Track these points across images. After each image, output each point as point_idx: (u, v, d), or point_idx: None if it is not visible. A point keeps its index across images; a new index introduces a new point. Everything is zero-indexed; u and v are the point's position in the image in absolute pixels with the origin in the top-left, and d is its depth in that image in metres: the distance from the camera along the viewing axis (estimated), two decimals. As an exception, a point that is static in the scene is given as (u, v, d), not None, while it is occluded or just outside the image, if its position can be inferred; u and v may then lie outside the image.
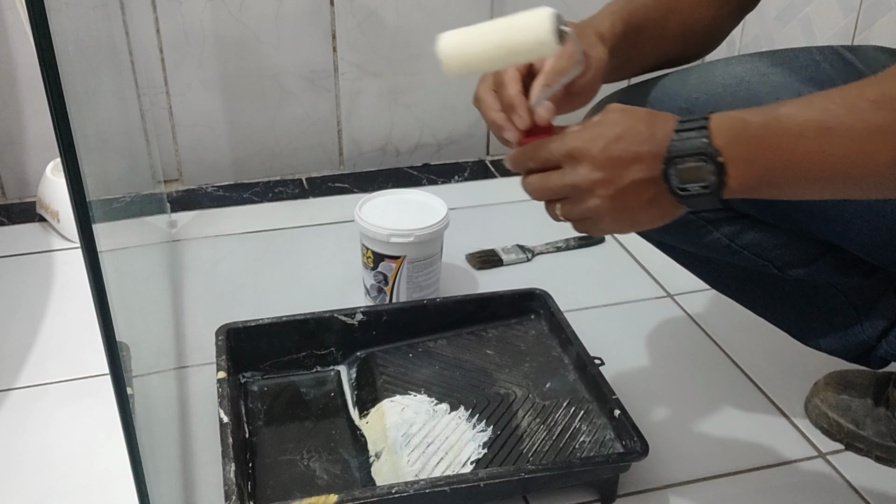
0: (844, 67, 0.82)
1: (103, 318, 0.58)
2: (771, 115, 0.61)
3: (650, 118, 0.66)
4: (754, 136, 0.61)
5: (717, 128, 0.62)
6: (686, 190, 0.63)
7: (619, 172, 0.64)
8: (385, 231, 1.09)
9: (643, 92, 0.89)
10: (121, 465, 0.65)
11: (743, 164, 0.61)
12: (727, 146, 0.61)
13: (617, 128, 0.65)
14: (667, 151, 0.63)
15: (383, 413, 0.95)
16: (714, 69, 0.87)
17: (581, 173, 0.65)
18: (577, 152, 0.65)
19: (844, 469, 0.94)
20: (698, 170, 0.62)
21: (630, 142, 0.64)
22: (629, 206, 0.66)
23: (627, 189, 0.64)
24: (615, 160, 0.64)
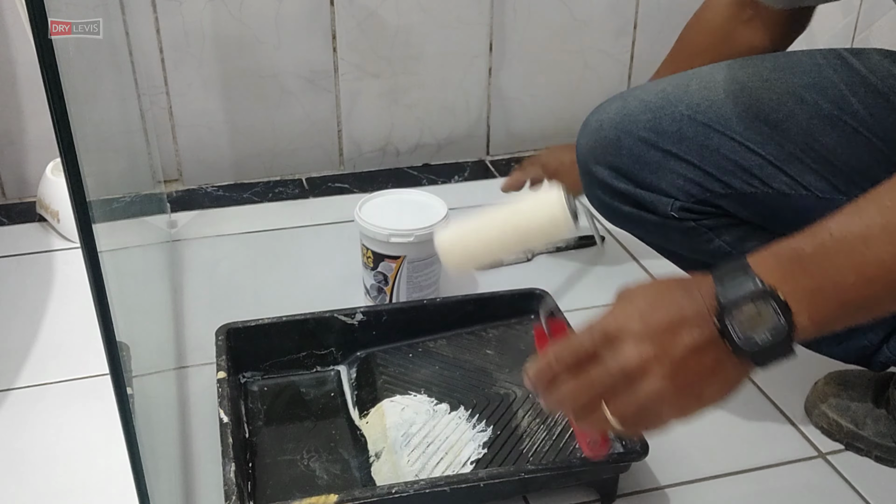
0: (848, 72, 0.82)
1: (103, 318, 0.58)
2: (823, 235, 0.55)
3: (679, 280, 0.58)
4: (813, 263, 0.54)
5: (762, 265, 0.55)
6: (751, 340, 0.54)
7: (669, 340, 0.55)
8: (385, 231, 1.09)
9: (642, 98, 0.88)
10: (121, 465, 0.65)
11: (810, 296, 0.54)
12: (783, 280, 0.54)
13: (648, 297, 0.57)
14: (717, 304, 0.55)
15: (383, 413, 0.96)
16: (715, 75, 0.87)
17: (627, 353, 0.55)
18: (616, 332, 0.56)
19: (844, 469, 0.94)
20: (759, 314, 0.54)
21: (670, 306, 0.56)
22: (691, 380, 0.56)
23: (685, 358, 0.55)
24: (661, 328, 0.55)
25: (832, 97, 0.80)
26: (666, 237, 0.90)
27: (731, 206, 0.83)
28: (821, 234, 0.55)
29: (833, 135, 0.79)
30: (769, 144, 0.80)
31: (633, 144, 0.86)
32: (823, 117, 0.80)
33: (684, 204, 0.84)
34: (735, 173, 0.81)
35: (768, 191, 0.80)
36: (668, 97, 0.86)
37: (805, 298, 0.54)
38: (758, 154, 0.80)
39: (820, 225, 0.55)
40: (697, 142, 0.83)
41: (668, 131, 0.84)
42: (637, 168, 0.86)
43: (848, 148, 0.78)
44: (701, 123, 0.83)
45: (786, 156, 0.79)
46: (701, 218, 0.85)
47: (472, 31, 1.52)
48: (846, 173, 0.77)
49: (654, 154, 0.85)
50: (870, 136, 0.77)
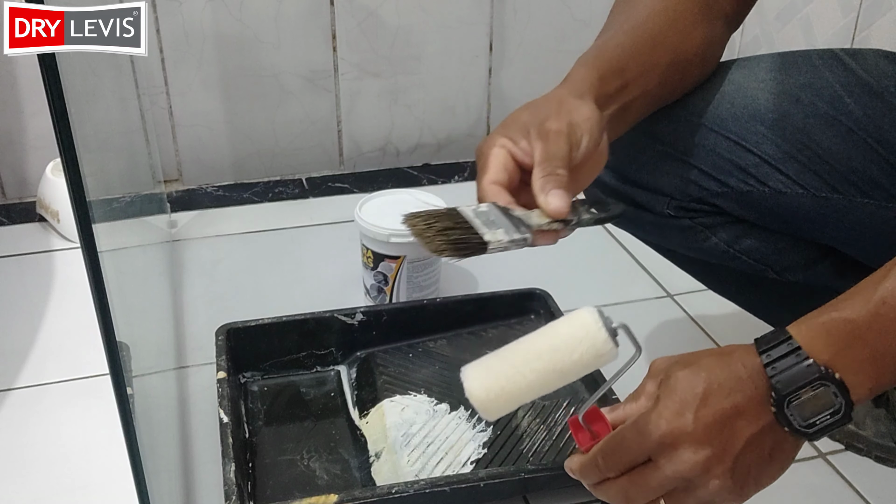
0: (844, 73, 0.82)
1: (103, 318, 0.58)
2: (873, 302, 0.52)
3: (722, 361, 0.55)
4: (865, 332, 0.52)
5: (813, 343, 0.53)
6: (813, 425, 0.53)
7: (728, 438, 0.53)
8: (385, 231, 1.09)
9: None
10: (121, 465, 0.65)
11: (864, 369, 0.52)
12: (838, 357, 0.52)
13: (695, 388, 0.54)
14: (771, 390, 0.53)
15: (383, 413, 0.95)
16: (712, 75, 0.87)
17: (686, 460, 0.53)
18: (670, 437, 0.54)
19: (844, 469, 0.94)
20: (817, 398, 0.52)
21: (721, 397, 0.54)
22: (751, 471, 0.55)
23: (745, 451, 0.54)
24: (717, 426, 0.53)
25: (828, 97, 0.80)
26: (663, 235, 0.90)
27: (728, 204, 0.83)
28: (868, 299, 0.53)
29: (829, 134, 0.79)
30: (765, 144, 0.80)
31: (628, 144, 0.86)
32: (819, 117, 0.80)
33: (680, 203, 0.85)
34: (731, 172, 0.82)
35: (764, 189, 0.81)
36: None
37: (861, 371, 0.52)
38: (754, 153, 0.81)
39: (868, 287, 0.53)
40: (693, 141, 0.83)
41: (663, 131, 0.84)
42: (633, 167, 0.86)
43: (843, 147, 0.78)
44: (696, 123, 0.83)
45: (782, 155, 0.80)
46: (697, 216, 0.85)
47: (472, 31, 1.52)
48: (842, 172, 0.78)
49: (651, 153, 0.85)
50: (865, 136, 0.78)
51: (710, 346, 1.13)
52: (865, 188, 0.76)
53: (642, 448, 0.56)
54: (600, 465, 0.58)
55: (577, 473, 0.60)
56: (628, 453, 0.56)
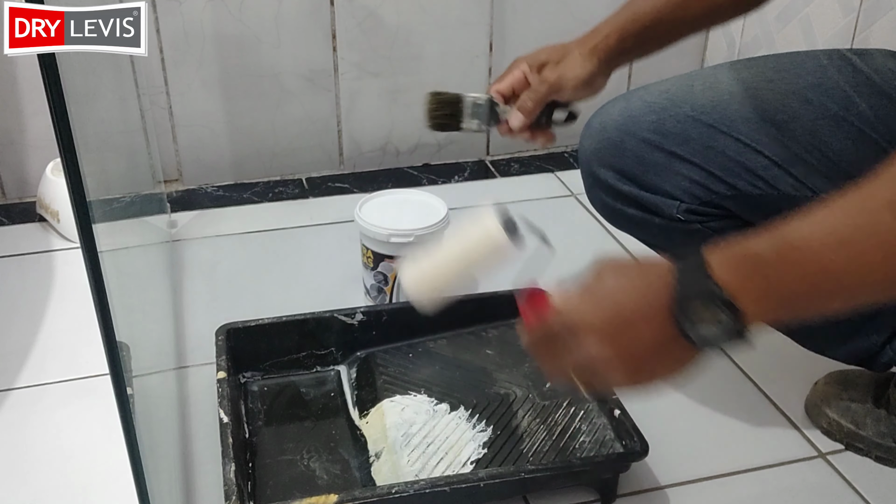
0: (853, 73, 0.81)
1: (103, 318, 0.58)
2: (780, 242, 0.57)
3: (638, 270, 0.63)
4: (767, 267, 0.57)
5: (721, 265, 0.58)
6: (702, 336, 0.58)
7: (628, 338, 0.61)
8: (385, 231, 1.09)
9: (646, 99, 0.88)
10: (121, 465, 0.65)
11: (758, 297, 0.57)
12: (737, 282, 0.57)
13: (608, 288, 0.62)
14: (672, 301, 0.59)
15: (383, 413, 0.95)
16: (719, 75, 0.87)
17: (589, 350, 0.62)
18: (580, 328, 0.62)
19: (844, 469, 0.94)
20: (709, 313, 0.57)
21: (628, 300, 0.61)
22: (647, 367, 0.62)
23: (642, 353, 0.61)
24: (620, 326, 0.61)
25: (837, 98, 0.80)
26: (670, 240, 0.90)
27: (737, 207, 0.83)
28: (778, 239, 0.57)
29: (838, 136, 0.79)
30: (774, 145, 0.80)
31: (636, 146, 0.85)
32: (829, 118, 0.79)
33: (689, 206, 0.84)
34: (740, 175, 0.81)
35: (774, 192, 0.80)
36: (671, 98, 0.86)
37: (757, 300, 0.57)
38: (763, 155, 0.80)
39: (778, 228, 0.58)
40: (702, 143, 0.83)
41: (672, 133, 0.84)
42: (641, 170, 0.86)
43: (853, 149, 0.77)
44: (705, 124, 0.83)
45: (791, 157, 0.79)
46: (706, 220, 0.85)
47: (472, 31, 1.52)
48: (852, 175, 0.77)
49: (659, 156, 0.85)
50: (875, 137, 0.77)
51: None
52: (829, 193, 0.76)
53: (558, 330, 0.64)
54: (534, 338, 0.67)
55: (526, 348, 0.69)
56: (548, 333, 0.65)
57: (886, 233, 0.54)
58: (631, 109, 0.88)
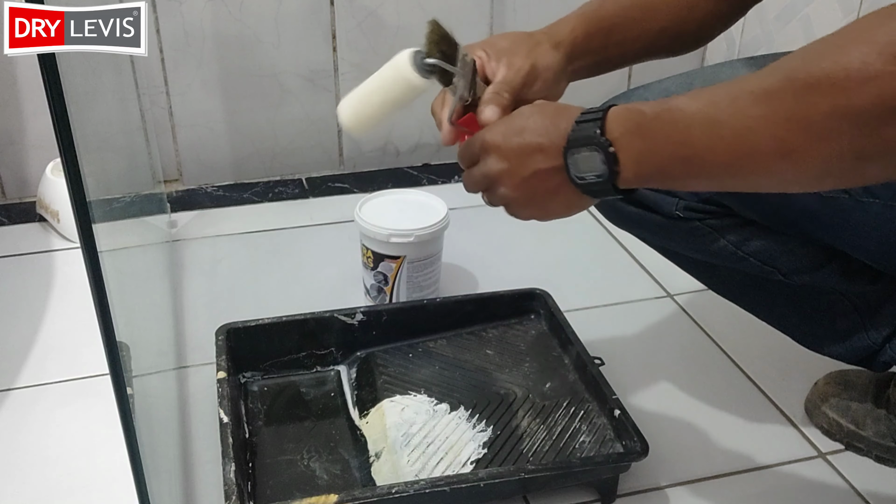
0: None
1: (103, 318, 0.58)
2: (663, 107, 0.62)
3: (557, 111, 0.68)
4: (647, 127, 0.62)
5: (614, 119, 0.63)
6: (583, 179, 0.65)
7: (521, 162, 0.68)
8: (385, 231, 1.09)
9: (645, 97, 0.87)
10: (121, 465, 0.65)
11: (636, 155, 0.62)
12: (621, 137, 0.63)
13: (524, 120, 0.69)
14: (565, 142, 0.65)
15: (383, 413, 0.96)
16: (719, 74, 0.86)
17: (490, 164, 0.70)
18: (488, 145, 0.70)
19: (844, 469, 0.94)
20: (591, 159, 0.63)
21: (533, 133, 0.67)
22: (537, 195, 0.69)
23: (531, 178, 0.68)
24: (518, 150, 0.68)
25: None
26: (670, 238, 0.90)
27: (736, 204, 0.83)
28: (664, 106, 0.62)
29: None
30: None
31: None
32: None
33: (689, 203, 0.84)
34: None
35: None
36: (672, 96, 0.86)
37: (633, 155, 0.62)
38: None
39: (669, 98, 0.62)
40: None
41: None
42: None
43: None
44: None
45: None
46: (705, 217, 0.85)
47: (472, 31, 1.52)
48: None
49: None
50: None
51: (710, 346, 1.13)
52: (871, 187, 0.76)
53: (474, 147, 0.72)
54: (460, 154, 0.75)
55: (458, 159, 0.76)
56: (468, 149, 0.73)
57: (743, 119, 0.57)
58: None
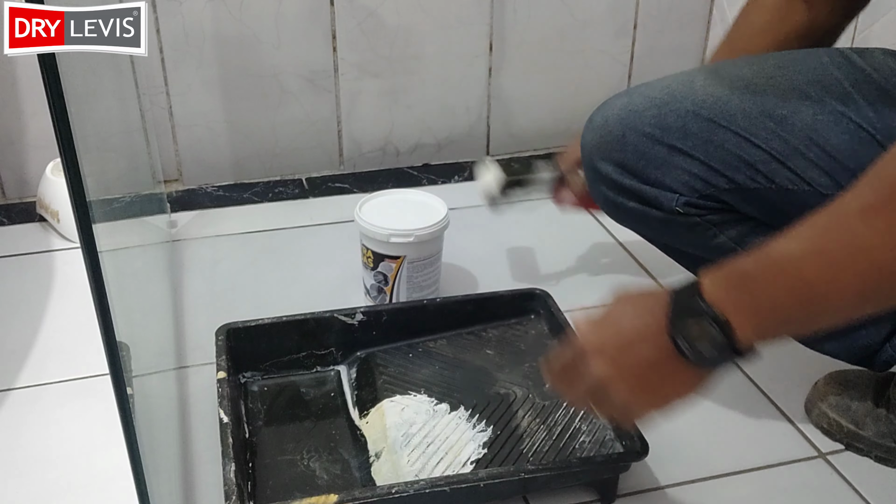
0: (852, 70, 0.82)
1: (103, 318, 0.58)
2: (763, 256, 0.60)
3: (643, 297, 0.66)
4: (753, 281, 0.60)
5: (711, 285, 0.61)
6: (699, 354, 0.61)
7: (628, 357, 0.64)
8: (385, 231, 1.09)
9: (647, 94, 0.88)
10: (121, 465, 0.65)
11: (749, 312, 0.59)
12: (727, 299, 0.60)
13: (615, 317, 0.66)
14: (668, 322, 0.62)
15: (383, 413, 0.96)
16: (721, 71, 0.87)
17: (594, 370, 0.65)
18: (586, 351, 0.66)
19: (844, 469, 0.94)
20: (702, 332, 0.60)
21: (630, 325, 0.65)
22: (653, 386, 0.65)
23: (643, 371, 0.64)
24: (621, 346, 0.64)
25: (836, 94, 0.80)
26: (670, 234, 0.90)
27: (735, 201, 0.83)
28: (764, 258, 0.60)
29: (837, 131, 0.79)
30: (773, 140, 0.80)
31: (637, 140, 0.86)
32: (827, 114, 0.80)
33: (689, 199, 0.85)
34: (739, 168, 0.82)
35: (771, 186, 0.81)
36: (672, 93, 0.86)
37: (746, 316, 0.59)
38: (761, 149, 0.81)
39: (765, 246, 0.60)
40: (702, 137, 0.83)
41: (672, 127, 0.84)
42: (642, 164, 0.86)
43: (851, 144, 0.78)
44: (705, 119, 0.83)
45: (789, 151, 0.80)
46: (705, 213, 0.85)
47: (472, 31, 1.52)
48: (850, 170, 0.78)
49: (659, 149, 0.85)
50: (872, 133, 0.78)
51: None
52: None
53: (570, 355, 0.69)
54: (555, 371, 0.71)
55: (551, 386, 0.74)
56: (562, 359, 0.70)
57: (859, 241, 0.56)
58: (633, 104, 0.88)
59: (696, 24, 1.64)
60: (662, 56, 1.65)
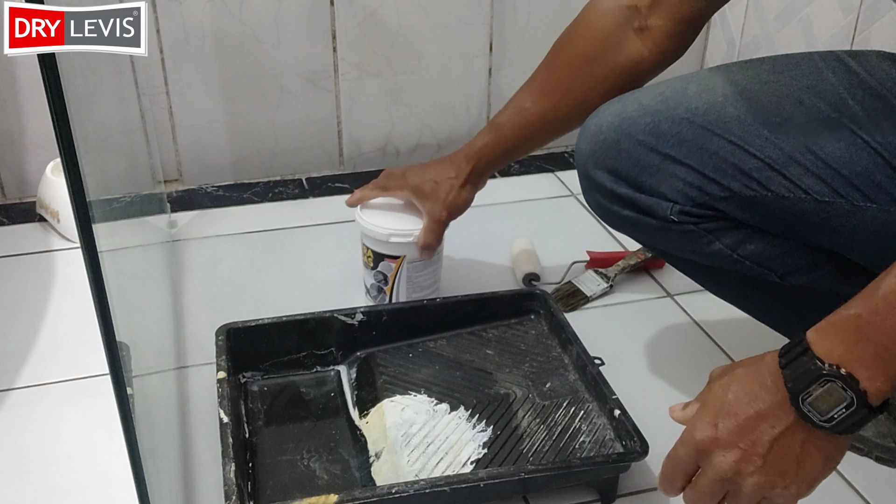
0: (847, 75, 0.81)
1: (103, 318, 0.58)
2: (872, 298, 0.56)
3: (748, 369, 0.62)
4: (869, 326, 0.56)
5: (822, 340, 0.58)
6: (832, 419, 0.57)
7: (752, 440, 0.60)
8: (385, 231, 1.09)
9: (641, 102, 0.87)
10: (121, 465, 0.65)
11: (875, 361, 0.56)
12: (846, 353, 0.57)
13: (723, 397, 0.62)
14: (788, 393, 0.58)
15: (383, 413, 0.96)
16: (715, 77, 0.87)
17: (717, 464, 0.61)
18: (703, 445, 0.62)
19: (844, 469, 0.94)
20: (828, 394, 0.57)
21: (744, 404, 0.61)
22: (788, 466, 0.61)
23: (773, 451, 0.60)
24: (741, 430, 0.61)
25: (830, 100, 0.80)
26: (666, 241, 0.90)
27: (730, 209, 0.83)
28: (874, 298, 0.57)
29: (831, 137, 0.78)
30: (768, 147, 0.80)
31: (632, 148, 0.85)
32: (821, 120, 0.79)
33: (683, 207, 0.84)
34: (734, 176, 0.81)
35: (767, 194, 0.80)
36: (666, 100, 0.86)
37: (870, 366, 0.56)
38: (756, 157, 0.80)
39: (872, 286, 0.57)
40: (696, 145, 0.83)
41: (667, 134, 0.84)
42: (636, 172, 0.86)
43: (846, 151, 0.77)
44: (699, 126, 0.83)
45: (784, 158, 0.79)
46: (700, 221, 0.85)
47: (472, 31, 1.52)
48: (845, 176, 0.77)
49: (654, 157, 0.84)
50: (867, 138, 0.77)
51: (710, 346, 1.13)
52: (868, 192, 0.76)
53: (687, 457, 0.64)
54: (667, 475, 0.67)
55: (662, 488, 0.69)
56: (679, 465, 0.65)
57: None
58: (627, 111, 0.87)
59: (696, 24, 1.64)
60: (662, 56, 1.64)
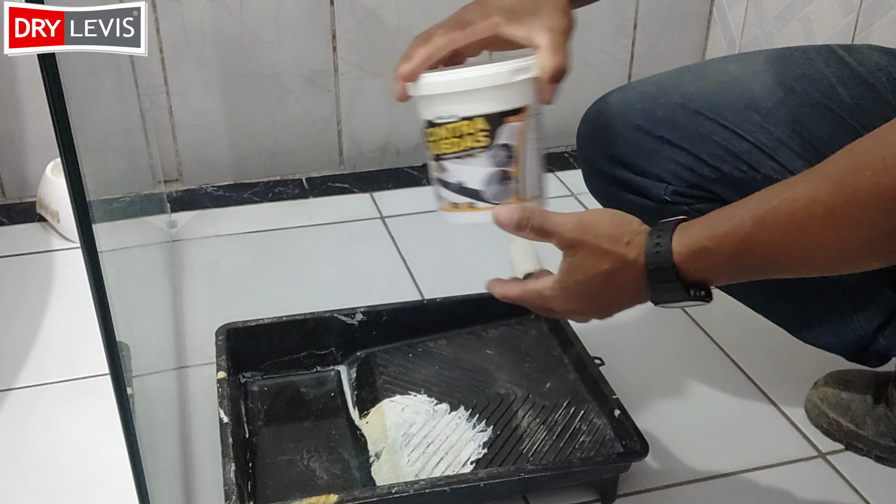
0: (838, 65, 0.84)
1: (103, 318, 0.58)
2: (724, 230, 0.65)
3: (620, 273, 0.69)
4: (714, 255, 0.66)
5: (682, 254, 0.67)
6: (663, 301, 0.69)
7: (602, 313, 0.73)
8: (503, 69, 0.71)
9: (639, 89, 0.91)
10: (121, 465, 0.65)
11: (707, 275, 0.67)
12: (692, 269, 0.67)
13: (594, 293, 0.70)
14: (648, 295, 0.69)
15: (383, 413, 0.96)
16: (710, 67, 0.90)
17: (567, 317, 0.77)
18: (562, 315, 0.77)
19: (844, 469, 0.94)
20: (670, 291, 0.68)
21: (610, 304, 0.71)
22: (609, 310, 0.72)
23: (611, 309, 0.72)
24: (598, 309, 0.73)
25: (821, 87, 0.83)
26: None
27: (722, 190, 0.85)
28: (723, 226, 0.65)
29: (820, 123, 0.81)
30: (758, 131, 0.83)
31: (629, 132, 0.88)
32: (812, 106, 0.82)
33: (677, 188, 0.87)
34: (725, 159, 0.84)
35: (756, 175, 0.83)
36: (663, 88, 0.89)
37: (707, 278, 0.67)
38: (747, 140, 0.83)
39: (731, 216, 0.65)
40: (689, 128, 0.85)
41: (661, 119, 0.87)
42: (632, 155, 0.89)
43: (834, 136, 0.80)
44: (693, 111, 0.85)
45: (774, 142, 0.82)
46: (694, 202, 0.87)
47: (472, 30, 1.51)
48: None
49: (649, 140, 0.87)
50: (854, 124, 0.80)
51: (710, 346, 1.13)
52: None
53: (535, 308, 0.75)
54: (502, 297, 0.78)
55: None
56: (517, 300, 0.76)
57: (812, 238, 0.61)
58: (625, 98, 0.91)
59: (695, 24, 1.64)
60: (662, 56, 1.65)
